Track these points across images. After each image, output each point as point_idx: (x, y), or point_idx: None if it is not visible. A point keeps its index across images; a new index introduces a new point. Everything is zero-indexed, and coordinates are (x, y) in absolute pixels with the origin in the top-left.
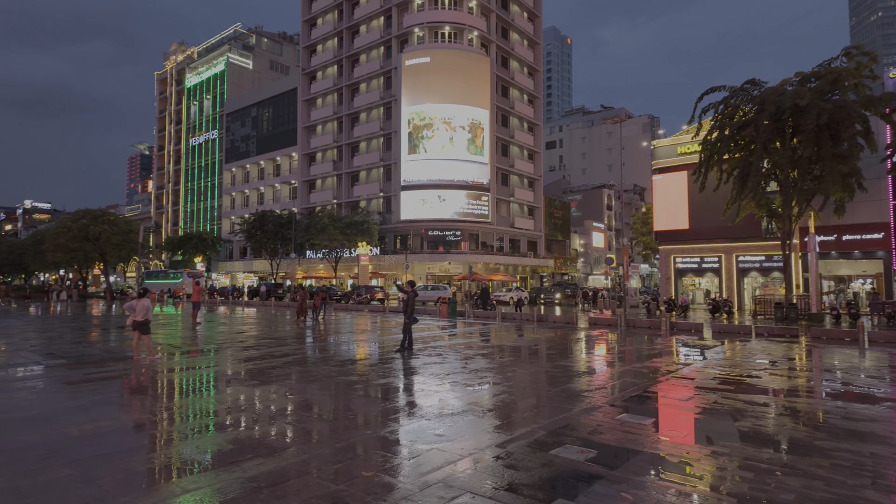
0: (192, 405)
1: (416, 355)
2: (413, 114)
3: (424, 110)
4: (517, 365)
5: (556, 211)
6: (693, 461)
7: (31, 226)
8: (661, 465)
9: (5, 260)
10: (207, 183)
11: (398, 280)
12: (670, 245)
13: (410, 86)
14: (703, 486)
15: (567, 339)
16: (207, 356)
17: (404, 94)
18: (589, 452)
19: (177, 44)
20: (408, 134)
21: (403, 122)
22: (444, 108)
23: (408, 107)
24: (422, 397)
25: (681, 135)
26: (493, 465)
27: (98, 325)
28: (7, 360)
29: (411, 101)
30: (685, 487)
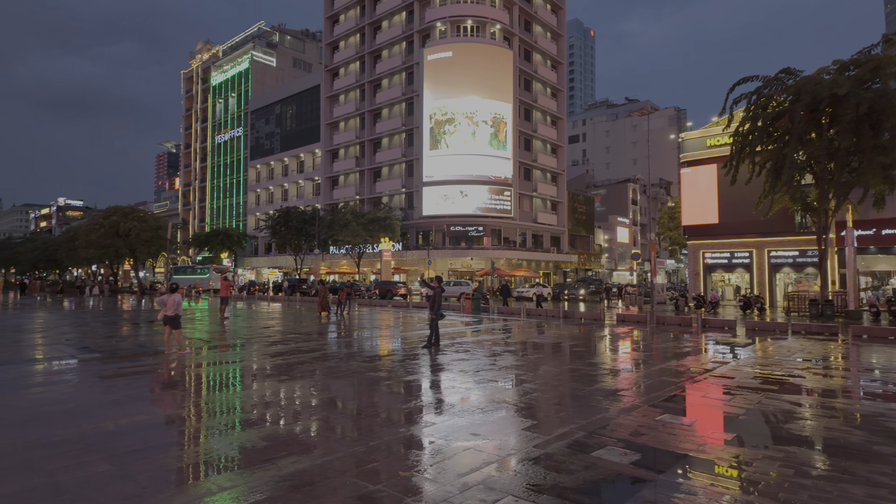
0: (223, 400)
1: (444, 351)
2: (435, 108)
3: (446, 105)
4: (547, 362)
5: (579, 206)
6: (744, 466)
7: (65, 223)
8: (711, 470)
9: (41, 256)
10: (233, 180)
11: (424, 276)
12: (699, 240)
13: (432, 81)
14: (759, 494)
15: (596, 336)
16: (236, 351)
17: (426, 89)
18: (632, 455)
19: (202, 43)
20: (429, 129)
21: (425, 117)
22: (466, 103)
23: (430, 102)
24: (453, 394)
25: (710, 127)
26: (534, 467)
27: (129, 320)
28: (44, 353)
29: (433, 96)
30: (740, 495)
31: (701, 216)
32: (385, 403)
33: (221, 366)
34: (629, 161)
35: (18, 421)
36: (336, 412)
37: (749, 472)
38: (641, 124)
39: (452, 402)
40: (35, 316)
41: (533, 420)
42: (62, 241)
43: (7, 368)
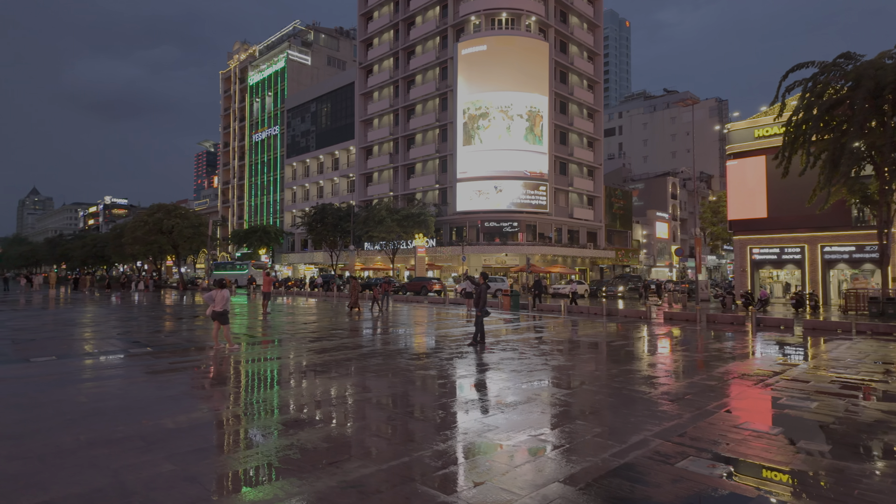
0: (279, 399)
1: (490, 349)
2: (469, 103)
3: (481, 99)
4: (601, 363)
5: (616, 200)
6: (852, 482)
7: (111, 220)
8: (816, 487)
9: (89, 252)
10: (270, 177)
11: (467, 273)
12: (746, 235)
13: (466, 75)
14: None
15: (645, 336)
16: (283, 347)
17: (460, 84)
18: (722, 467)
19: (239, 43)
20: (463, 124)
21: (459, 112)
22: (500, 97)
23: (464, 96)
24: (510, 395)
25: (758, 117)
26: (616, 480)
27: (174, 315)
28: (99, 347)
29: (467, 90)
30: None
31: (748, 210)
32: (442, 404)
33: (270, 362)
34: (668, 154)
35: (80, 415)
36: (394, 413)
37: (859, 490)
38: (681, 116)
39: (512, 403)
40: (86, 310)
41: (602, 426)
42: (109, 238)
43: (66, 362)
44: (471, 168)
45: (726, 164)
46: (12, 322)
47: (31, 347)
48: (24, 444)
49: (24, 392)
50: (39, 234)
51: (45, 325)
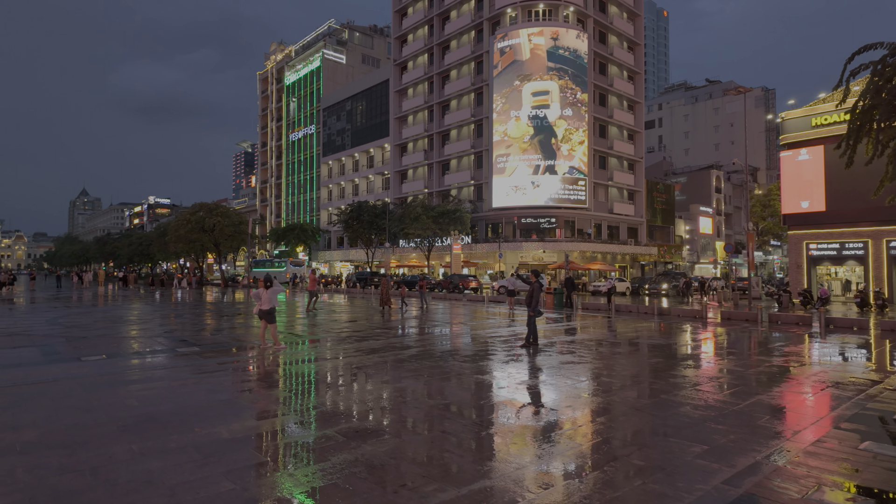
0: (336, 405)
1: (545, 351)
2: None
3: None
4: (671, 368)
5: (658, 195)
6: None
7: (154, 219)
8: None
9: (135, 250)
10: (306, 176)
11: (516, 271)
12: (802, 229)
13: (503, 68)
14: None
15: (712, 338)
16: (329, 346)
17: (496, 77)
18: (865, 501)
19: (276, 44)
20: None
21: (495, 106)
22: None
23: (500, 90)
24: (584, 406)
25: (815, 104)
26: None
27: (218, 312)
28: (147, 346)
29: (504, 83)
30: None
31: (805, 203)
32: (510, 415)
33: (319, 363)
34: (711, 146)
35: (132, 421)
36: (461, 423)
37: None
38: (724, 107)
39: (590, 415)
40: (134, 308)
41: (701, 444)
42: (154, 237)
43: (115, 361)
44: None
45: (780, 154)
46: (65, 319)
47: (83, 346)
48: (76, 453)
49: (76, 394)
50: (89, 234)
51: (95, 323)
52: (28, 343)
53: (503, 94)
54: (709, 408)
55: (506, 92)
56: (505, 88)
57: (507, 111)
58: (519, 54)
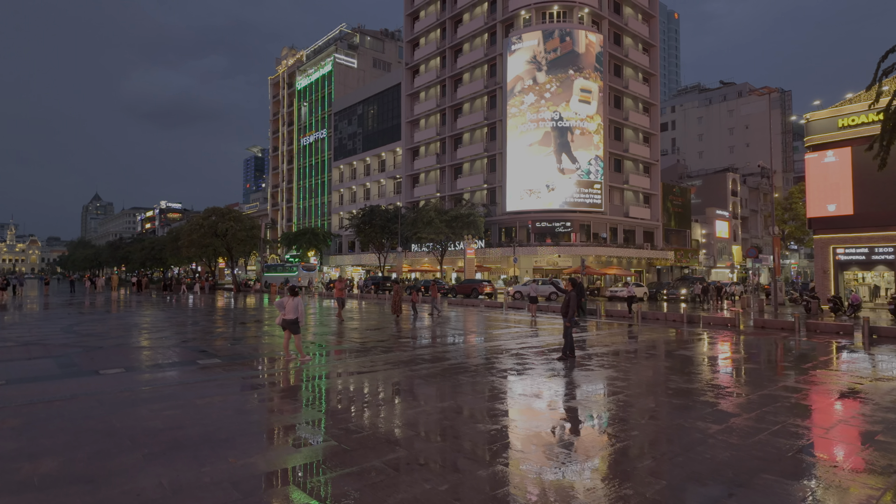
0: (377, 429)
1: (585, 365)
2: (519, 100)
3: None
4: (725, 384)
5: (674, 198)
6: None
7: (166, 224)
8: None
9: (148, 255)
10: (318, 180)
11: (551, 278)
12: (829, 233)
13: (516, 70)
14: None
15: (753, 348)
16: (356, 358)
17: (510, 80)
18: None
19: (287, 49)
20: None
21: (509, 109)
22: None
23: (514, 92)
24: (646, 429)
25: (842, 105)
26: None
27: (235, 319)
28: (166, 357)
29: (518, 86)
30: None
31: (831, 206)
32: (569, 439)
33: (351, 378)
34: (725, 149)
35: (160, 448)
36: (521, 449)
37: None
38: (739, 109)
39: (654, 439)
40: (148, 314)
41: (802, 479)
42: (167, 241)
43: (135, 375)
44: (521, 166)
45: (805, 156)
46: (80, 327)
47: (100, 357)
48: (100, 489)
49: (96, 414)
50: (101, 238)
51: (110, 331)
52: (44, 353)
53: (519, 97)
54: (782, 428)
55: (521, 95)
56: (519, 92)
57: (524, 114)
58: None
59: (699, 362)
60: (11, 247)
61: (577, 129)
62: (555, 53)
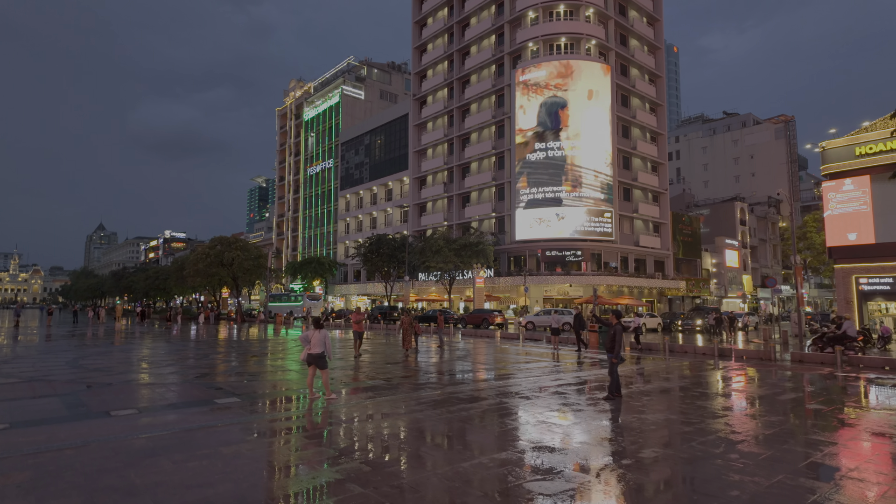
0: (433, 486)
1: (638, 408)
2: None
3: (540, 125)
4: (801, 428)
5: (684, 227)
6: None
7: (170, 253)
8: None
9: (152, 284)
10: (324, 209)
11: (587, 306)
12: (850, 263)
13: (525, 100)
14: None
15: (807, 386)
16: (385, 397)
17: (518, 110)
18: None
19: (295, 81)
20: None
21: (517, 138)
22: None
23: (522, 122)
24: (747, 488)
25: (858, 133)
26: None
27: (245, 351)
28: (180, 395)
29: (526, 115)
30: None
31: (851, 235)
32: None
33: (386, 421)
34: (731, 178)
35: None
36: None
37: None
38: (744, 139)
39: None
40: (155, 346)
41: None
42: (171, 271)
43: (150, 417)
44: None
45: (822, 185)
46: (86, 361)
47: (109, 395)
48: None
49: (112, 466)
50: (105, 267)
51: (118, 365)
52: (49, 391)
53: (528, 127)
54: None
55: (532, 126)
56: (530, 121)
57: (532, 142)
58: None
59: (763, 403)
60: (14, 276)
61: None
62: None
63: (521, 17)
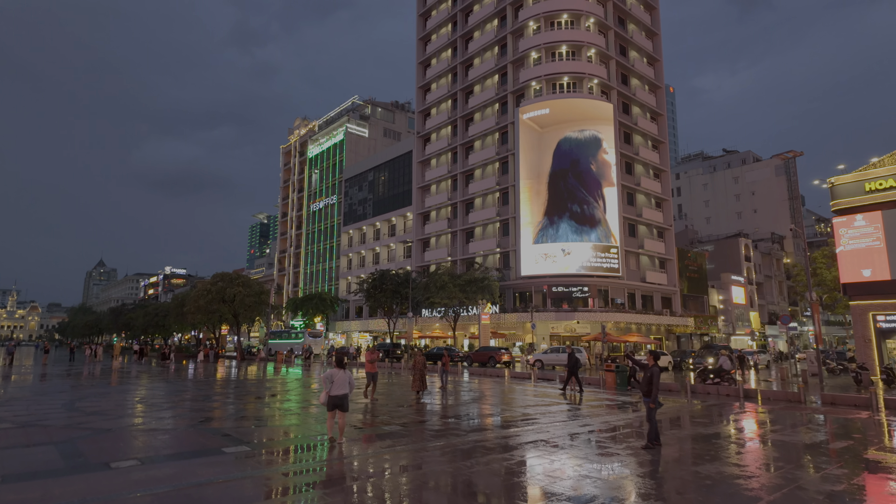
0: None
1: (682, 455)
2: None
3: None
4: (879, 484)
5: (690, 263)
6: None
7: (169, 289)
8: None
9: (150, 321)
10: (326, 245)
11: (636, 354)
12: (866, 300)
13: (528, 138)
14: None
15: (857, 432)
16: (409, 446)
17: (522, 147)
18: None
19: (300, 119)
20: (527, 186)
21: (521, 174)
22: None
23: (526, 158)
24: None
25: (866, 169)
26: None
27: (248, 392)
28: (184, 443)
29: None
30: None
31: (866, 272)
32: None
33: (413, 473)
34: (732, 215)
35: None
36: None
37: None
38: (744, 175)
39: None
40: (155, 387)
41: None
42: (171, 307)
43: (153, 470)
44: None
45: (833, 220)
46: (83, 403)
47: (109, 443)
48: None
49: None
50: (103, 304)
51: (117, 408)
52: (44, 438)
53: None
54: None
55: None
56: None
57: (537, 176)
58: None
59: (817, 452)
60: (11, 313)
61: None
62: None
63: (524, 57)
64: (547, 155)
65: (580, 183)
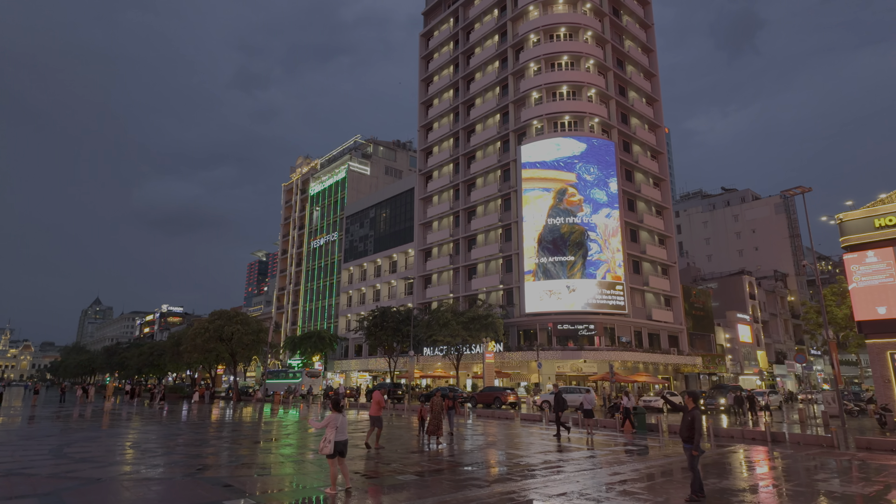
0: None
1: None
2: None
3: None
4: None
5: (695, 301)
6: None
7: (166, 328)
8: None
9: (145, 361)
10: (326, 282)
11: (664, 392)
12: (883, 338)
13: (531, 176)
14: None
15: None
16: (426, 499)
17: (525, 184)
18: None
19: (302, 158)
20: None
21: (524, 211)
22: None
23: (529, 195)
24: None
25: (875, 205)
26: None
27: (246, 436)
28: (182, 495)
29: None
30: None
31: (881, 309)
32: None
33: None
34: (734, 253)
35: None
36: None
37: None
38: (744, 214)
39: None
40: (148, 430)
41: None
42: (167, 346)
43: None
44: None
45: (843, 257)
46: (72, 448)
47: (97, 495)
48: None
49: None
50: (98, 343)
51: (107, 455)
52: (28, 490)
53: (533, 198)
54: None
55: (535, 196)
56: (535, 193)
57: (540, 213)
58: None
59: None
60: (3, 352)
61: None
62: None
63: (525, 97)
64: (549, 191)
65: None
